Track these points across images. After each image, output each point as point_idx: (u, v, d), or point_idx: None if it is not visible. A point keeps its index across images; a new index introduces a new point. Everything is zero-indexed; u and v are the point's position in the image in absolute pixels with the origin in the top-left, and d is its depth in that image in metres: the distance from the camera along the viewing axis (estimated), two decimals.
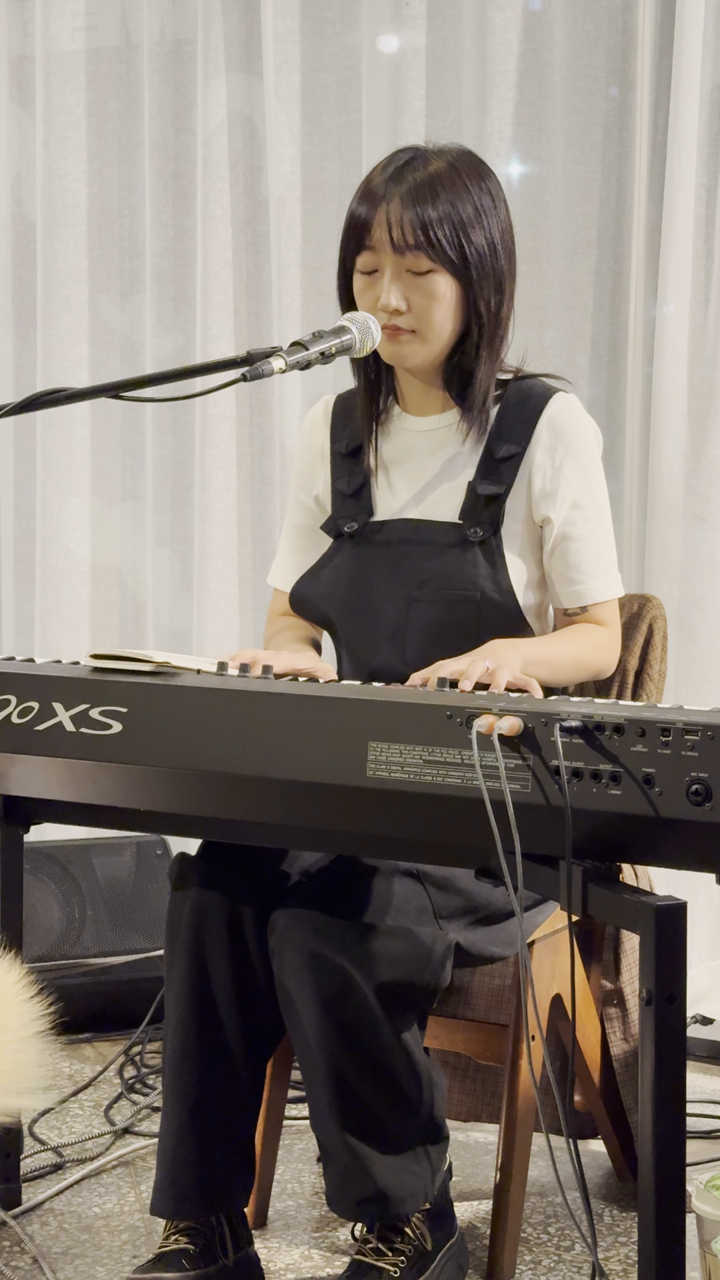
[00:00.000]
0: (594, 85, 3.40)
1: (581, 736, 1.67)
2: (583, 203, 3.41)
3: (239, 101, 3.68)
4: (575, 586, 2.22)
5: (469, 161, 2.19)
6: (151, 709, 1.87)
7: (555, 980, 2.25)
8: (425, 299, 2.15)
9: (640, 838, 1.69)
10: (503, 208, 2.20)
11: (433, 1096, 2.03)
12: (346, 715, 1.77)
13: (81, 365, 3.82)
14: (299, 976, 1.97)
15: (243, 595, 3.73)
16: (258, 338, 3.70)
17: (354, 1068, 1.97)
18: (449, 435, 2.25)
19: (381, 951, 1.97)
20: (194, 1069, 2.08)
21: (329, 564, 2.28)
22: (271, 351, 2.00)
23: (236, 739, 1.82)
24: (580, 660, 2.18)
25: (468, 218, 2.14)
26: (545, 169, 3.44)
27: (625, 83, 3.38)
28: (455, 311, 2.17)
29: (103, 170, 3.82)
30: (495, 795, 1.69)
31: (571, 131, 3.41)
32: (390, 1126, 2.00)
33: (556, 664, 2.14)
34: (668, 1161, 1.64)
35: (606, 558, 2.23)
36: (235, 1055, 2.08)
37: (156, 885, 3.42)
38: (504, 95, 3.42)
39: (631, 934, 2.37)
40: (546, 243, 3.43)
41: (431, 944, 2.01)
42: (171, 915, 2.12)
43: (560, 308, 3.43)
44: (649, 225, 3.34)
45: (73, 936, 3.36)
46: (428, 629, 2.17)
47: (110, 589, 3.89)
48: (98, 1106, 2.89)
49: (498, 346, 2.21)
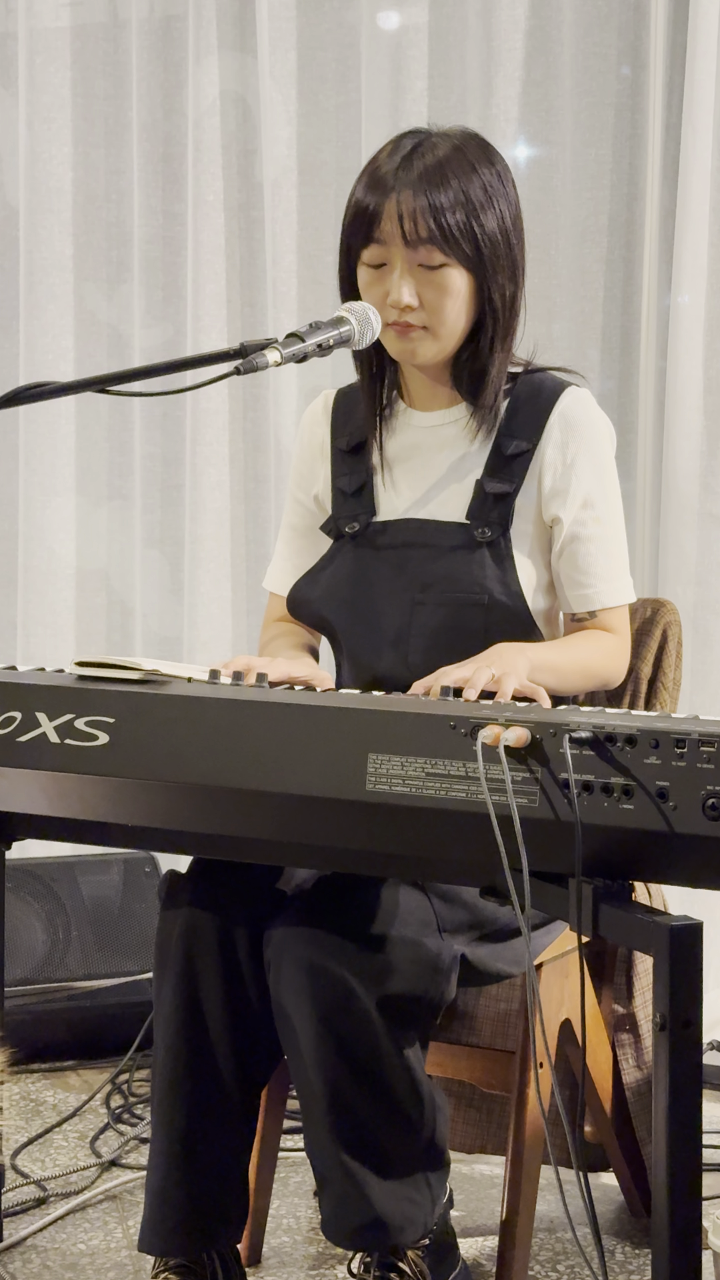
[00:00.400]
0: (605, 64, 3.41)
1: (592, 748, 1.67)
2: (593, 187, 3.42)
3: (232, 81, 3.69)
4: (584, 590, 2.22)
5: (476, 144, 2.20)
6: (140, 719, 1.87)
7: (564, 1004, 2.25)
8: (438, 294, 2.16)
9: (654, 854, 1.69)
10: (512, 190, 2.21)
11: (435, 1119, 2.03)
12: (345, 726, 1.77)
13: (66, 358, 3.83)
14: (296, 989, 1.98)
15: (235, 599, 3.74)
16: (252, 329, 3.70)
17: (352, 1085, 1.98)
18: (456, 431, 2.25)
19: (385, 962, 1.97)
20: (184, 1098, 2.08)
21: (329, 566, 2.29)
22: (266, 344, 2.01)
23: (229, 751, 1.82)
24: (589, 668, 2.19)
25: (478, 201, 2.15)
26: (554, 152, 3.44)
27: (638, 61, 3.39)
28: (468, 305, 2.18)
29: (89, 153, 3.82)
30: (501, 810, 1.69)
31: (581, 112, 3.41)
32: (389, 1149, 2.00)
33: (565, 671, 2.14)
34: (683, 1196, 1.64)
35: (618, 561, 2.24)
36: (228, 1084, 2.08)
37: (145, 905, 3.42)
38: (510, 74, 3.43)
39: (645, 956, 2.37)
40: (555, 230, 3.43)
41: (437, 954, 2.02)
42: (161, 936, 2.12)
43: (569, 298, 3.43)
44: (663, 211, 3.34)
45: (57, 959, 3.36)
46: (432, 634, 2.17)
47: (96, 593, 3.89)
48: (83, 1138, 2.89)
49: (511, 339, 2.23)
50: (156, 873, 3.45)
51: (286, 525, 2.40)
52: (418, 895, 2.05)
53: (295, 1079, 2.02)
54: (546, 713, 1.75)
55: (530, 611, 2.18)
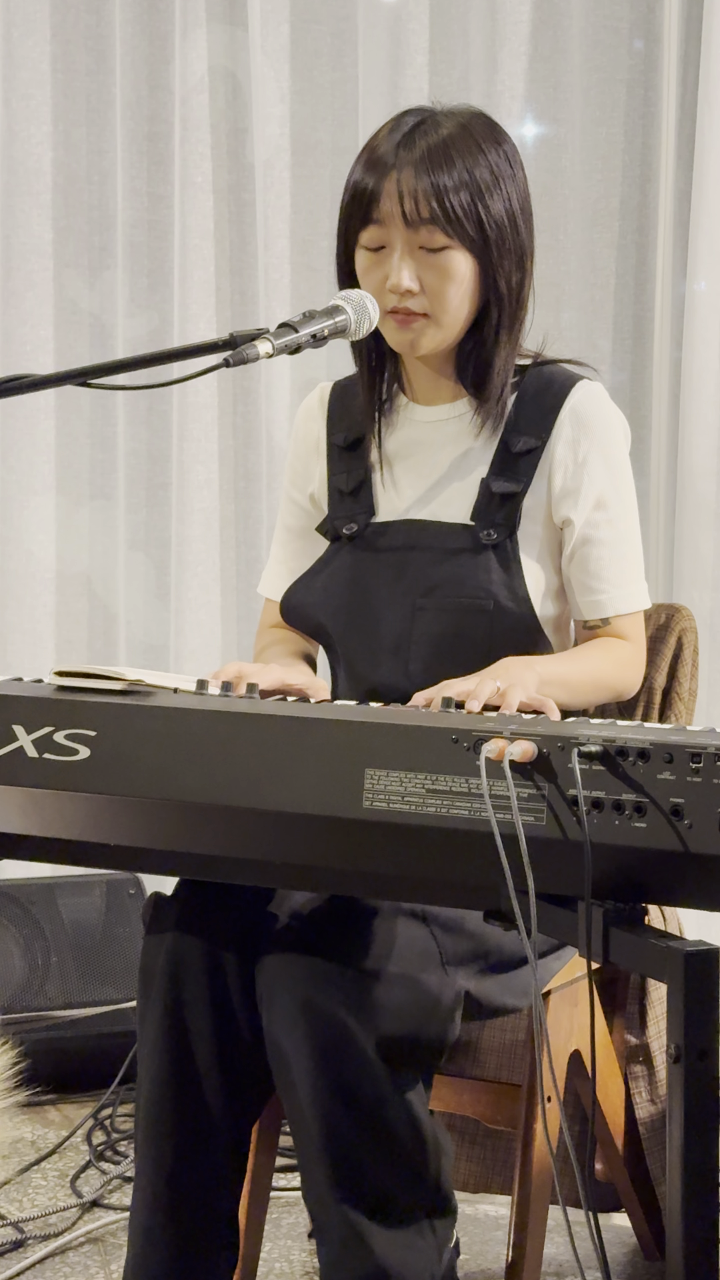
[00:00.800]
0: (616, 38, 3.41)
1: (602, 763, 1.67)
2: (604, 168, 3.42)
3: (221, 56, 3.69)
4: (596, 596, 2.22)
5: (482, 123, 2.20)
6: (123, 732, 1.87)
7: (574, 1035, 2.25)
8: (440, 278, 2.16)
9: (668, 876, 1.69)
10: (520, 172, 2.21)
11: (439, 1163, 2.03)
12: (341, 739, 1.77)
13: (46, 349, 3.83)
14: (290, 1027, 1.97)
15: (225, 605, 3.74)
16: (242, 318, 3.70)
17: (351, 1129, 1.97)
18: (460, 427, 2.25)
19: (383, 1001, 1.97)
20: (170, 1135, 2.08)
21: (325, 569, 2.29)
22: (257, 334, 2.01)
23: (218, 766, 1.82)
24: (601, 680, 2.19)
25: (484, 184, 2.15)
26: (562, 131, 3.45)
27: (651, 34, 3.39)
28: (472, 292, 2.18)
29: (69, 132, 3.82)
30: (506, 828, 1.69)
31: (591, 89, 3.42)
32: (391, 1196, 2.00)
33: (575, 684, 2.14)
34: (699, 1237, 1.64)
35: (632, 565, 2.24)
36: (216, 1119, 2.08)
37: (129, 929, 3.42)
38: (516, 49, 3.43)
39: (658, 983, 2.37)
40: (564, 213, 3.44)
41: (438, 993, 2.01)
42: (145, 962, 2.12)
43: (579, 285, 3.44)
44: (677, 193, 3.35)
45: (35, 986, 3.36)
46: (434, 641, 2.17)
47: (78, 598, 3.89)
48: (63, 1176, 2.89)
49: (518, 329, 2.23)
50: (141, 895, 3.45)
51: (281, 526, 2.40)
52: (418, 926, 2.04)
53: (290, 1120, 2.02)
54: (554, 726, 1.75)
55: (538, 619, 2.19)
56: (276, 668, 2.15)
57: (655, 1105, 2.42)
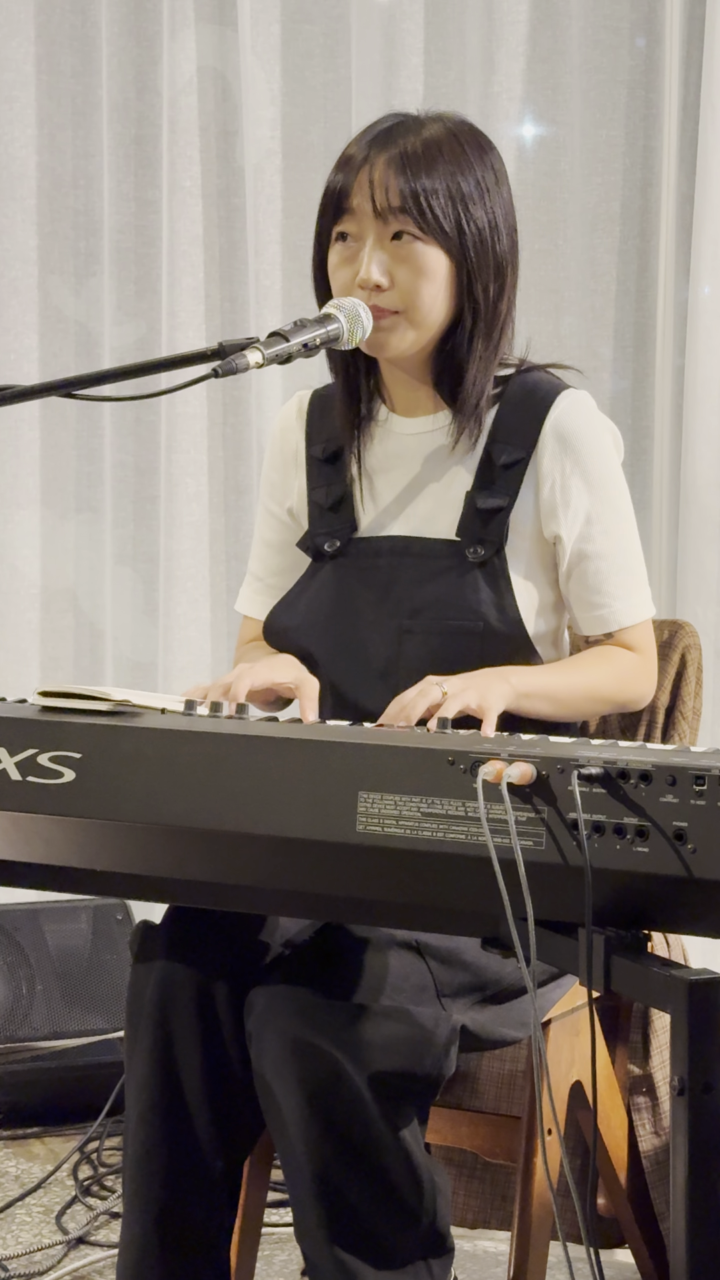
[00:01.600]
0: (617, 37, 3.42)
1: (603, 785, 1.67)
2: (604, 171, 3.43)
3: (210, 56, 3.70)
4: (599, 611, 2.22)
5: (469, 131, 2.20)
6: (109, 755, 1.87)
7: (575, 1065, 2.25)
8: (412, 274, 2.15)
9: (671, 902, 1.69)
10: (506, 189, 2.21)
11: (435, 1203, 2.03)
12: (332, 761, 1.77)
13: (30, 358, 3.83)
14: (281, 1065, 1.97)
15: (215, 622, 3.74)
16: (232, 327, 3.71)
17: (344, 1170, 1.97)
18: (441, 439, 2.25)
19: (376, 1036, 1.97)
20: (159, 1170, 2.07)
21: (307, 590, 2.28)
22: (247, 343, 2.01)
23: (207, 789, 1.82)
24: (596, 692, 2.18)
25: (468, 192, 2.15)
26: (561, 133, 3.45)
27: (653, 33, 3.40)
28: (447, 293, 2.17)
29: (55, 135, 3.83)
30: (504, 853, 1.69)
31: (591, 90, 3.42)
32: (386, 1238, 2.00)
33: (563, 697, 2.13)
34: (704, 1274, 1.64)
35: (633, 574, 2.23)
36: (206, 1154, 2.08)
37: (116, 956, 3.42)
38: (514, 49, 3.44)
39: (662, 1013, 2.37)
40: (563, 217, 3.44)
41: (434, 1027, 2.01)
42: (133, 992, 2.11)
43: (579, 291, 3.44)
44: (680, 196, 3.35)
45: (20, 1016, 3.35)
46: (423, 665, 2.16)
47: (63, 614, 3.89)
48: (48, 1213, 2.89)
49: (495, 342, 2.21)
50: (129, 922, 3.45)
51: (259, 541, 2.40)
52: (413, 958, 2.04)
53: (282, 1159, 2.01)
54: (553, 747, 1.75)
55: (530, 638, 2.18)
56: (261, 666, 2.14)
57: (659, 1137, 2.42)
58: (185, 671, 3.69)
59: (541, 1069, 1.76)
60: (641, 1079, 2.41)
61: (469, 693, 1.98)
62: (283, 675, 2.13)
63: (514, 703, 2.06)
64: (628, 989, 1.70)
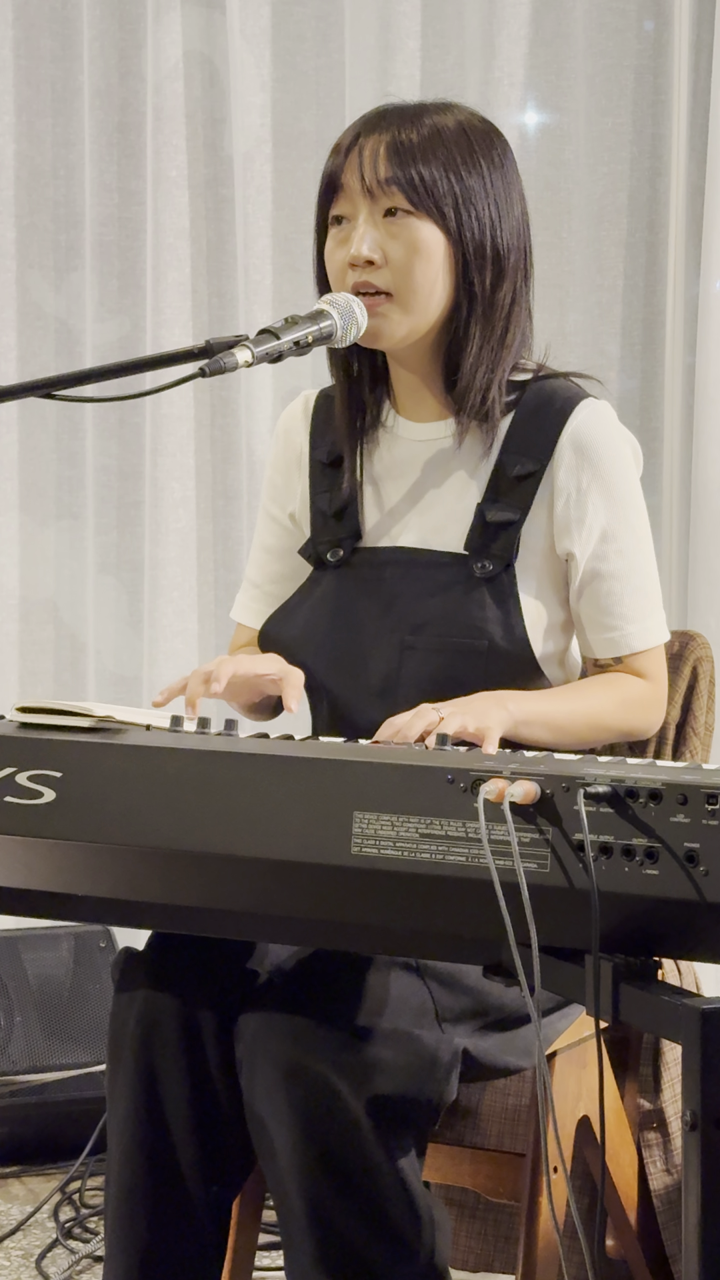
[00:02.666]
0: (624, 20, 3.43)
1: (610, 804, 1.67)
2: (611, 160, 3.43)
3: (197, 40, 3.70)
4: (610, 634, 2.21)
5: (477, 123, 2.20)
6: (91, 773, 1.87)
7: (582, 1099, 2.24)
8: (405, 251, 2.15)
9: (682, 927, 1.69)
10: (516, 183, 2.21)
11: (433, 1237, 2.02)
12: (327, 780, 1.77)
13: (8, 356, 3.83)
14: (272, 1092, 1.97)
15: (202, 633, 3.74)
16: (220, 324, 3.71)
17: (339, 1203, 1.97)
18: (451, 446, 2.25)
19: (373, 1060, 1.97)
20: (143, 1211, 2.07)
21: (307, 600, 2.28)
22: (236, 341, 2.02)
23: (194, 809, 1.82)
24: (599, 720, 2.18)
25: (468, 178, 2.15)
26: (566, 120, 3.46)
27: (661, 15, 3.41)
28: (444, 275, 2.17)
29: (34, 123, 3.84)
30: (507, 876, 1.69)
31: (597, 75, 3.43)
32: (381, 1274, 1.99)
33: (564, 725, 2.13)
34: None
35: (647, 596, 2.23)
36: (193, 1193, 2.07)
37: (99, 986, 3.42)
38: (515, 32, 3.45)
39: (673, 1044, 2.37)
40: (567, 208, 3.45)
41: (434, 1051, 2.01)
42: (115, 1022, 2.11)
43: (585, 286, 3.45)
44: (690, 187, 3.36)
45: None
46: (424, 683, 2.16)
47: (43, 626, 3.89)
48: (28, 1256, 2.88)
49: (499, 335, 2.20)
50: (112, 949, 3.45)
51: (258, 546, 2.40)
52: (412, 979, 2.04)
53: (274, 1194, 2.01)
54: (559, 765, 1.75)
55: (536, 658, 2.17)
56: (243, 656, 2.14)
57: (671, 1175, 2.41)
58: None
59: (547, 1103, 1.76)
60: (652, 1114, 2.41)
61: (466, 718, 1.98)
62: (266, 666, 2.13)
63: (512, 729, 2.06)
64: (637, 1019, 1.70)
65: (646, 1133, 2.41)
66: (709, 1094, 1.62)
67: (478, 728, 1.97)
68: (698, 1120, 1.62)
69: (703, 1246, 1.63)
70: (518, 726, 2.07)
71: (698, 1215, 1.62)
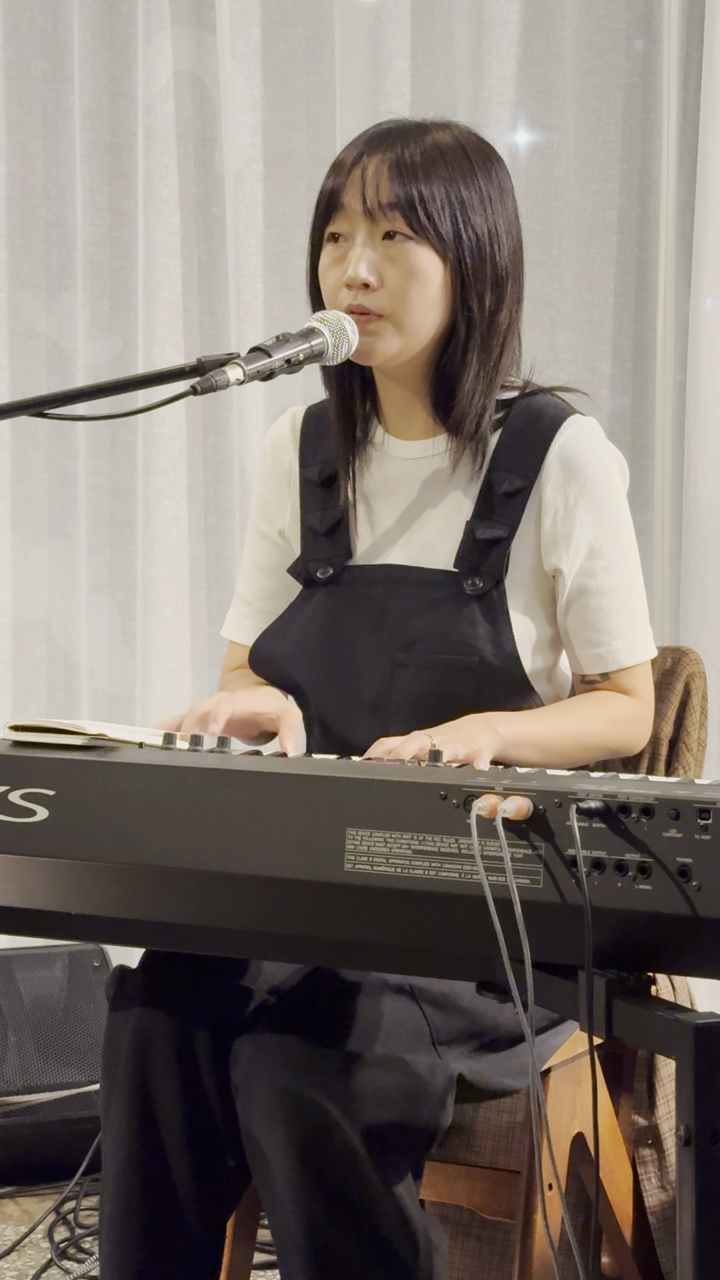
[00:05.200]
0: (613, 38, 3.44)
1: (603, 820, 1.67)
2: (601, 178, 3.44)
3: (188, 60, 3.71)
4: (597, 650, 2.22)
5: (476, 143, 2.21)
6: (84, 791, 1.87)
7: (577, 1116, 2.24)
8: (403, 275, 2.15)
9: (676, 942, 1.69)
10: (511, 204, 2.22)
11: (431, 1262, 2.02)
12: (319, 797, 1.77)
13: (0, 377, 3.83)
14: (269, 1118, 1.97)
15: (196, 652, 3.74)
16: (212, 342, 3.71)
17: (335, 1227, 1.96)
18: (441, 464, 2.25)
19: (368, 1086, 1.96)
20: (137, 1231, 2.06)
21: (297, 617, 2.28)
22: (227, 359, 2.02)
23: (187, 827, 1.82)
24: (588, 740, 2.18)
25: (467, 200, 2.16)
26: (555, 139, 3.47)
27: (651, 34, 3.42)
28: (440, 300, 2.17)
29: (25, 143, 3.84)
30: (500, 892, 1.69)
31: (586, 94, 3.44)
32: None
33: (553, 746, 2.13)
34: None
35: (634, 613, 2.23)
36: (188, 1213, 2.07)
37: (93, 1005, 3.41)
38: (505, 51, 3.45)
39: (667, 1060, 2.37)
40: (558, 226, 3.45)
41: (429, 1076, 2.00)
42: (109, 1041, 2.11)
43: (575, 304, 3.45)
44: (680, 204, 3.36)
45: None
46: (415, 700, 2.16)
47: (36, 645, 3.88)
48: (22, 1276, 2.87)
49: (495, 359, 2.21)
50: (106, 968, 3.44)
51: (248, 563, 2.40)
52: (406, 1002, 2.04)
53: (270, 1218, 2.01)
54: (551, 780, 1.75)
55: (526, 675, 2.18)
56: (242, 695, 2.14)
57: (666, 1192, 2.41)
58: (165, 704, 3.69)
59: (541, 1120, 1.76)
60: (647, 1130, 2.40)
61: (456, 744, 1.98)
62: (264, 705, 2.13)
63: (502, 751, 2.06)
64: (631, 1035, 1.70)
65: (641, 1149, 2.41)
66: (703, 1109, 1.62)
67: (468, 753, 1.97)
68: (692, 1135, 1.62)
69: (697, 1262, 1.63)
70: (507, 748, 2.07)
71: (692, 1231, 1.62)
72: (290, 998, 2.09)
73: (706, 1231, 1.63)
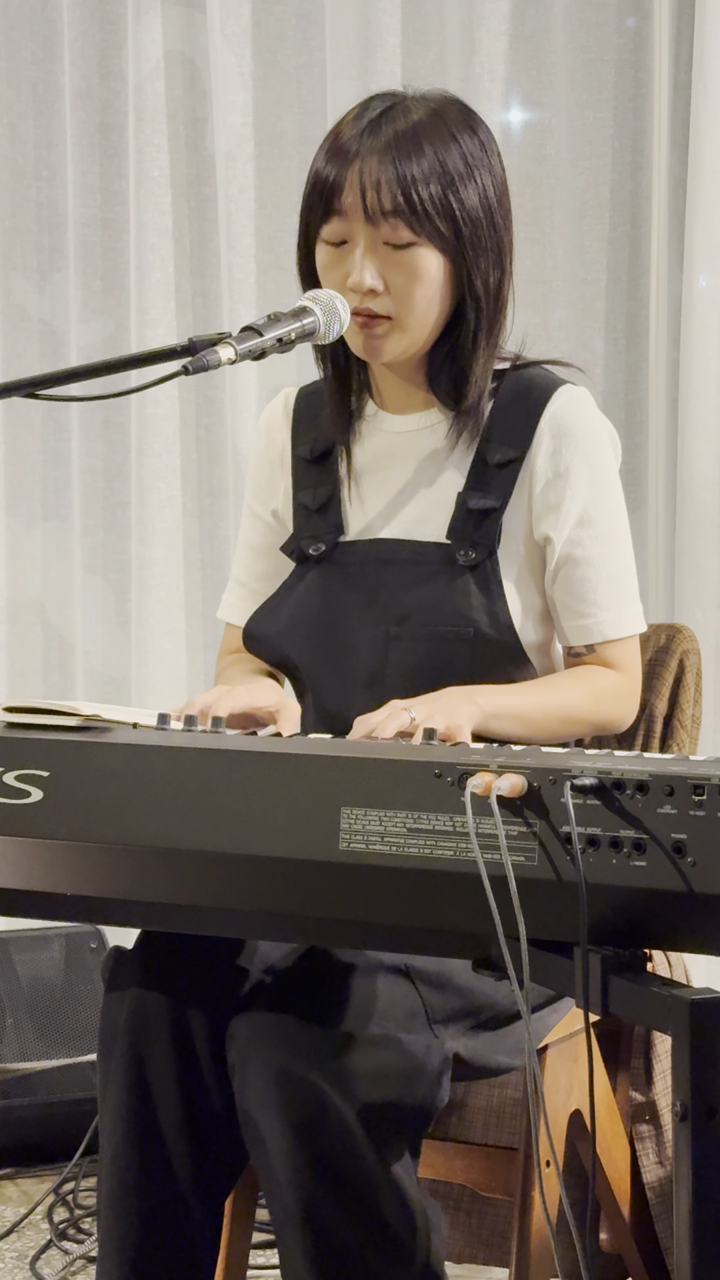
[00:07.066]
0: (604, 14, 3.43)
1: (597, 796, 1.67)
2: (592, 155, 3.44)
3: (178, 40, 3.70)
4: (582, 621, 2.21)
5: (456, 109, 2.20)
6: (79, 772, 1.87)
7: (573, 1093, 2.24)
8: (406, 278, 2.16)
9: (670, 918, 1.68)
10: (497, 162, 2.21)
11: (429, 1240, 2.02)
12: (314, 776, 1.77)
13: None
14: (265, 1099, 1.97)
15: (190, 633, 3.74)
16: (204, 322, 3.71)
17: (333, 1208, 1.96)
18: (433, 437, 2.25)
19: (364, 1066, 1.96)
20: (135, 1211, 2.07)
21: (290, 595, 2.28)
22: (219, 339, 2.01)
23: (181, 807, 1.82)
24: (570, 713, 2.17)
25: (456, 173, 2.15)
26: (547, 116, 3.46)
27: (642, 10, 3.41)
28: (443, 293, 2.18)
29: (15, 124, 3.83)
30: (495, 869, 1.69)
31: (578, 70, 3.43)
32: (377, 1277, 1.99)
33: (534, 718, 2.13)
34: None
35: (623, 585, 2.23)
36: (186, 1193, 2.07)
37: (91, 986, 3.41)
38: (496, 28, 3.45)
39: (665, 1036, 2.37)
40: (550, 204, 3.45)
41: (425, 1055, 2.00)
42: (105, 1022, 2.11)
43: (568, 281, 3.45)
44: (672, 181, 3.36)
45: None
46: (411, 674, 2.16)
47: (30, 627, 3.88)
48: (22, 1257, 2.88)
49: (498, 333, 2.22)
50: (103, 949, 3.44)
51: (243, 544, 2.40)
52: (402, 982, 2.04)
53: (268, 1198, 2.01)
54: (546, 757, 1.75)
55: (522, 645, 2.18)
56: (241, 689, 2.14)
57: (664, 1168, 2.41)
58: (159, 685, 3.69)
59: (538, 1098, 1.76)
60: (644, 1106, 2.41)
61: (436, 717, 1.98)
62: (262, 699, 2.13)
63: (482, 723, 2.06)
64: (627, 1011, 1.70)
65: (639, 1125, 2.41)
66: (699, 1085, 1.62)
67: (448, 726, 1.97)
68: (688, 1110, 1.62)
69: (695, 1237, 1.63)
70: (488, 720, 2.06)
71: (689, 1206, 1.62)
72: (286, 977, 2.09)
73: (703, 1206, 1.63)
